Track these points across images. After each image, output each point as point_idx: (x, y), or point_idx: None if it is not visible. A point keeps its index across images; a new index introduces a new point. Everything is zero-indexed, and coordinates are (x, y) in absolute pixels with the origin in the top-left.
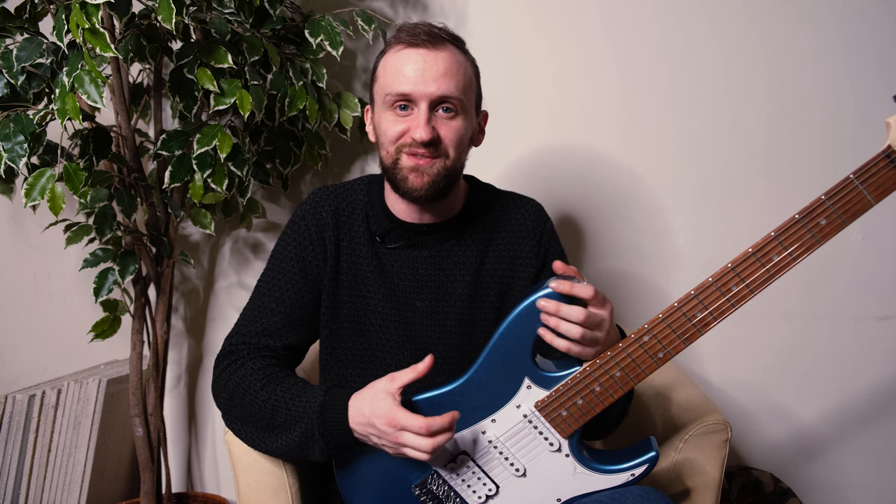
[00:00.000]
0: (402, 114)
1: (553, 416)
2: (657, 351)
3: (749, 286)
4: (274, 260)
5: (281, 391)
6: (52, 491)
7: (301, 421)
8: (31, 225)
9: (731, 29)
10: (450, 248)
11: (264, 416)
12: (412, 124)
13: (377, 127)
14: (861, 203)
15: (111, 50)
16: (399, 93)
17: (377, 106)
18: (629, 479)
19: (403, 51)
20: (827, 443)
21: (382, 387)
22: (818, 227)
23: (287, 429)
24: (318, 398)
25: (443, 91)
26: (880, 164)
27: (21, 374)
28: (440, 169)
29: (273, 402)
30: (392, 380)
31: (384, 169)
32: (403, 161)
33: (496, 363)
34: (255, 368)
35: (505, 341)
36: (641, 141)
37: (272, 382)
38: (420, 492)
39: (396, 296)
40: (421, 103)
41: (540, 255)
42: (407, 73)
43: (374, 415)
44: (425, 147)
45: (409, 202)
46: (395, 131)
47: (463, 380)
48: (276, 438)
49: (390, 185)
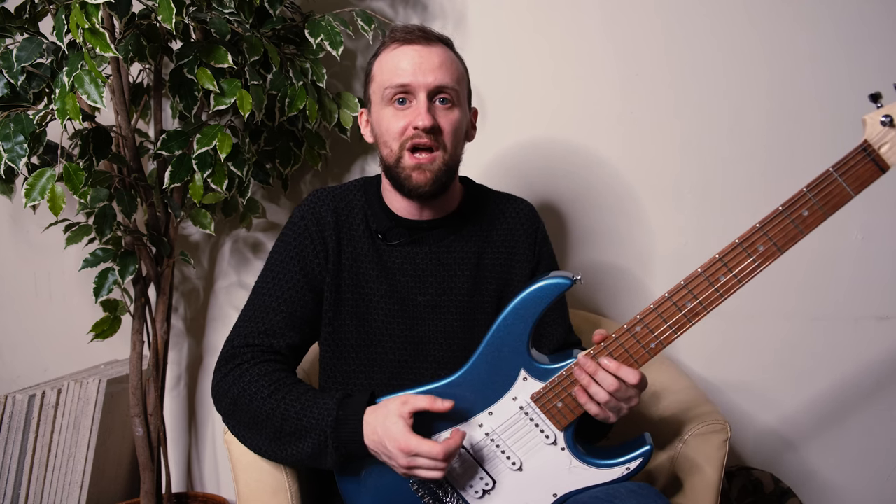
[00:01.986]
0: (402, 108)
1: (548, 407)
2: (649, 341)
3: (736, 276)
4: (273, 260)
5: (291, 400)
6: (52, 491)
7: (313, 432)
8: (31, 225)
9: (731, 29)
10: (449, 244)
11: (272, 423)
12: (412, 116)
13: (376, 126)
14: (841, 195)
15: (111, 50)
16: (398, 84)
17: (375, 105)
18: (624, 473)
19: (399, 48)
20: (827, 443)
21: (395, 409)
22: (801, 218)
23: (297, 439)
24: (331, 412)
25: (440, 81)
26: (858, 158)
27: (21, 374)
28: (441, 164)
29: (282, 410)
30: (404, 403)
31: (386, 167)
32: (406, 160)
33: (493, 356)
34: (260, 374)
35: (502, 334)
36: (642, 140)
37: (280, 390)
38: (418, 487)
39: (398, 291)
40: (419, 94)
41: (535, 254)
42: (404, 67)
43: (386, 437)
44: (427, 134)
45: (408, 199)
46: (398, 127)
47: (461, 372)
48: (284, 447)
49: (393, 183)
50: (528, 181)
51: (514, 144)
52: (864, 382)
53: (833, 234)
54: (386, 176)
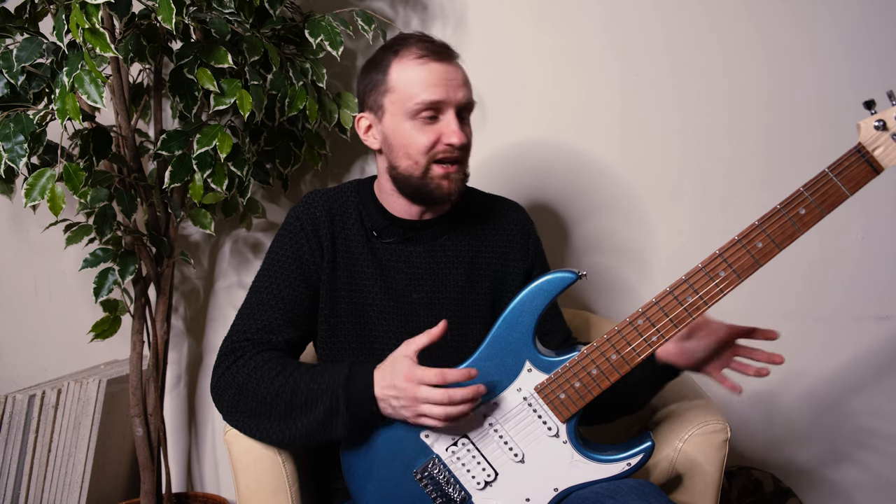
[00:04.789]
0: (430, 123)
1: (552, 398)
2: (651, 334)
3: (736, 271)
4: (270, 260)
5: (300, 373)
6: (52, 491)
7: (325, 395)
8: (31, 225)
9: (731, 29)
10: (443, 243)
11: (282, 400)
12: (444, 131)
13: (392, 136)
14: (837, 195)
15: (111, 50)
16: (430, 101)
17: (392, 116)
18: (625, 469)
19: (428, 63)
20: (827, 443)
21: (400, 352)
22: (798, 216)
23: (309, 408)
24: (342, 372)
25: (467, 98)
26: (853, 159)
27: (21, 374)
28: (463, 174)
29: (292, 384)
30: (408, 345)
31: (405, 177)
32: (435, 171)
33: (499, 347)
34: (265, 359)
35: (508, 325)
36: (642, 140)
37: (288, 368)
38: (421, 476)
39: (394, 289)
40: (449, 111)
41: (529, 254)
42: (436, 83)
43: (395, 376)
44: (459, 151)
45: (415, 203)
46: (427, 141)
47: (466, 364)
48: (293, 423)
49: (412, 192)
50: (528, 181)
51: (514, 144)
52: (864, 382)
53: (833, 234)
54: (396, 181)
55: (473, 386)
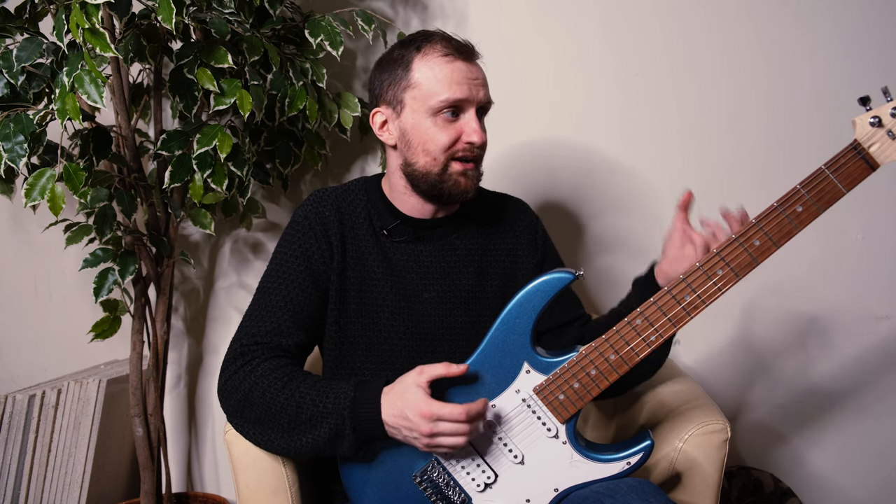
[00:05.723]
0: (452, 120)
1: (550, 399)
2: (649, 334)
3: (734, 270)
4: (277, 260)
5: (305, 388)
6: (52, 491)
7: (331, 416)
8: (31, 225)
9: (731, 29)
10: (453, 242)
11: (286, 414)
12: (464, 129)
13: (411, 132)
14: (833, 192)
15: (111, 50)
16: (455, 99)
17: (412, 111)
18: (625, 468)
19: (454, 62)
20: (827, 443)
21: (412, 380)
22: (795, 213)
23: (314, 425)
24: (348, 394)
25: (488, 98)
26: (848, 156)
27: (21, 374)
28: (479, 171)
29: (297, 399)
30: (421, 373)
31: (422, 174)
32: (454, 168)
33: (497, 349)
34: (272, 368)
35: (506, 327)
36: (643, 140)
37: (294, 381)
38: (420, 480)
39: (404, 288)
40: (470, 109)
41: (538, 249)
42: (460, 81)
43: (406, 407)
44: (478, 150)
45: (429, 202)
46: (447, 139)
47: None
48: (299, 436)
49: (427, 190)
50: (528, 181)
51: (514, 144)
52: (864, 382)
53: (833, 234)
54: (411, 179)
55: (481, 400)
